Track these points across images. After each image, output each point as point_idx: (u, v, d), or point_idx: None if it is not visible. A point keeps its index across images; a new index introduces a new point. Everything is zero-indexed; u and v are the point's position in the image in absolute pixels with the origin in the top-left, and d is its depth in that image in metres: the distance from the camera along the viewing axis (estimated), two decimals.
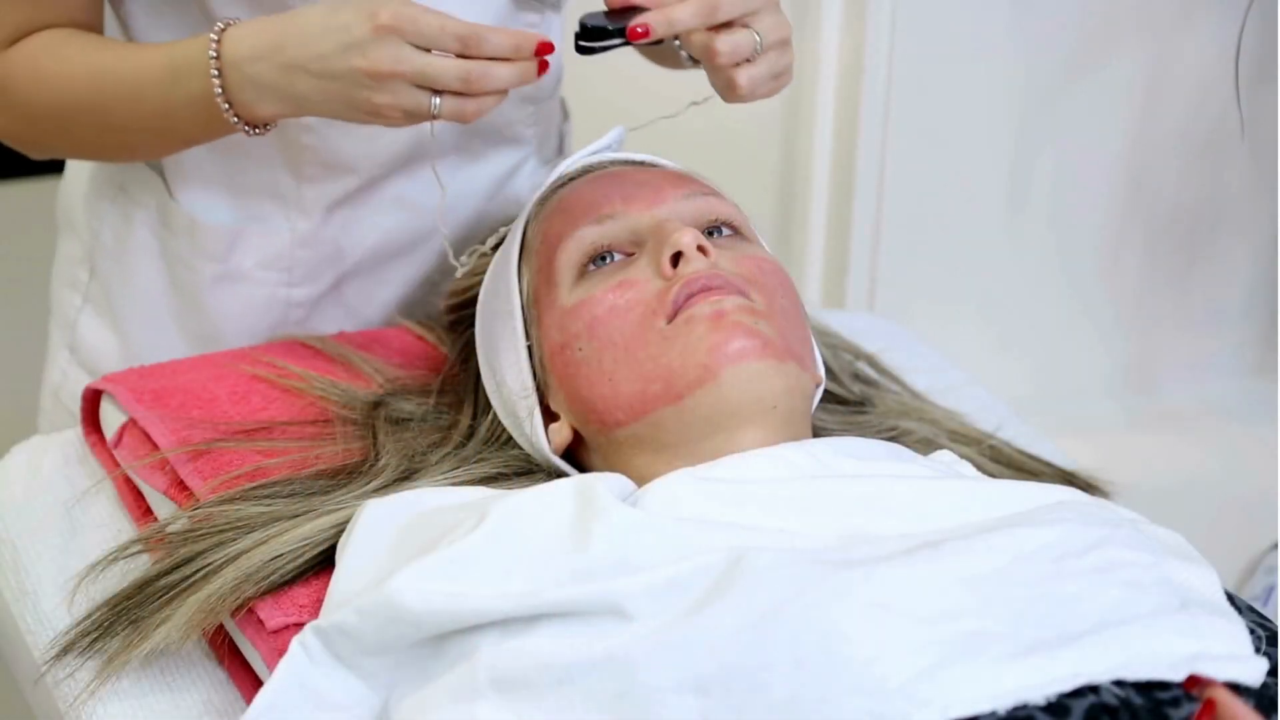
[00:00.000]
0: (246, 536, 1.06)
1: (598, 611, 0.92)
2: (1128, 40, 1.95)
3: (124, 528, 1.22)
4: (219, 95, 1.12)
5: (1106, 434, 1.98)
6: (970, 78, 1.92)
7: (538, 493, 1.00)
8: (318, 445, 1.18)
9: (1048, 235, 2.04)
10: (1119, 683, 0.87)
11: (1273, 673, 0.91)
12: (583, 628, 0.92)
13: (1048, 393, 2.04)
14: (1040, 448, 1.37)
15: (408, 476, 1.12)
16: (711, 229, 1.13)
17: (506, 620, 0.93)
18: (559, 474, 1.12)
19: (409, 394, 1.23)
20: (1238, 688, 0.88)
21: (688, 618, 0.89)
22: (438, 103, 1.07)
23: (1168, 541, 1.02)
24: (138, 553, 1.11)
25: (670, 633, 0.89)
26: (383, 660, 0.97)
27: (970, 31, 1.90)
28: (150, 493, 1.20)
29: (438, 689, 0.94)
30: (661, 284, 1.08)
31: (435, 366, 1.29)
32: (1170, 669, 0.88)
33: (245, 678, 1.08)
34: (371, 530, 1.02)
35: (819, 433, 1.20)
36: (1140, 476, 1.43)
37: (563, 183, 1.19)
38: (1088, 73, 1.95)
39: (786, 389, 1.07)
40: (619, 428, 1.08)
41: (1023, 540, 0.93)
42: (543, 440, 1.12)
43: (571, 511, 0.98)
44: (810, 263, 2.00)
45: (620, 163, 1.20)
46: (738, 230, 1.15)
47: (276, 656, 1.01)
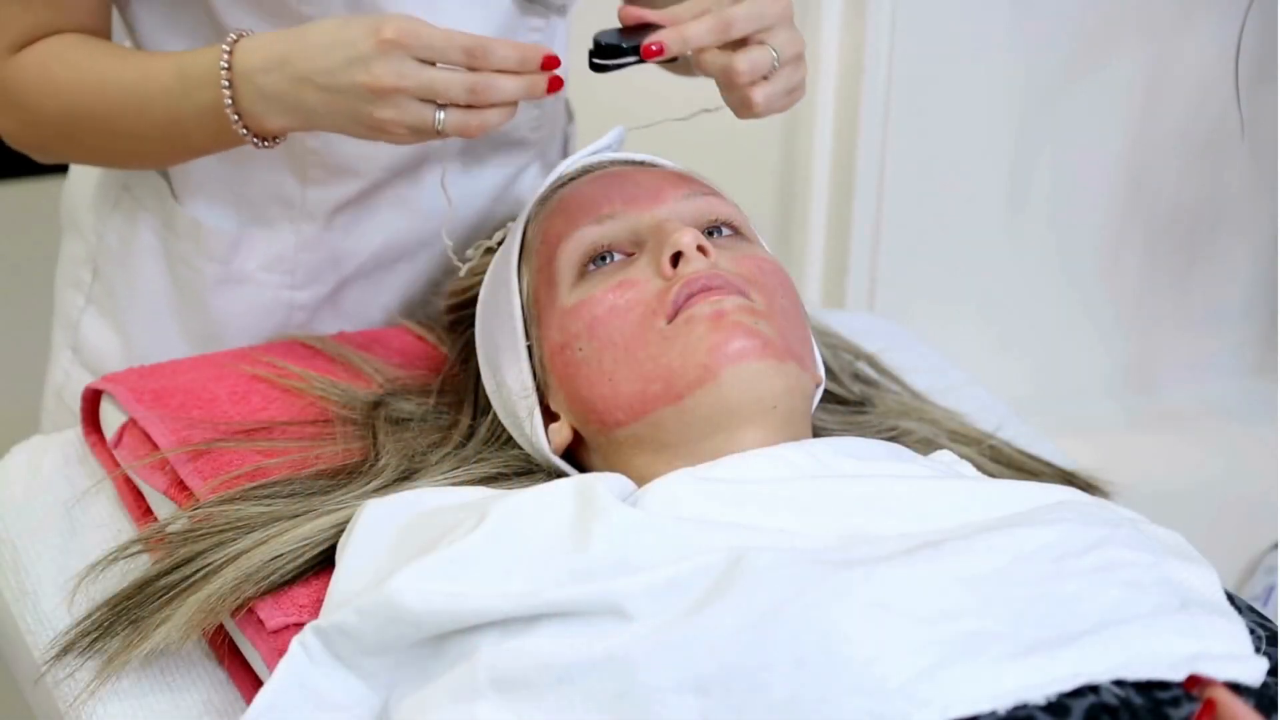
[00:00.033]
0: (246, 536, 1.06)
1: (598, 611, 0.92)
2: (1128, 40, 1.95)
3: (124, 528, 1.22)
4: (229, 106, 1.11)
5: (1106, 434, 1.98)
6: (970, 78, 1.92)
7: (538, 493, 1.00)
8: (318, 445, 1.18)
9: (1048, 235, 2.03)
10: (1119, 682, 0.87)
11: (1273, 672, 0.91)
12: (583, 628, 0.92)
13: (1048, 393, 2.04)
14: (1040, 448, 1.37)
15: (408, 476, 1.12)
16: (711, 229, 1.13)
17: (506, 620, 0.93)
18: (559, 474, 1.12)
19: (409, 394, 1.23)
20: (1238, 687, 0.88)
21: (688, 618, 0.89)
22: (441, 117, 1.06)
23: (1168, 541, 1.02)
24: (138, 553, 1.11)
25: (670, 633, 0.89)
26: (383, 660, 0.97)
27: (970, 31, 1.90)
28: (150, 493, 1.20)
29: (438, 689, 0.94)
30: (661, 284, 1.08)
31: (435, 366, 1.29)
32: (1170, 669, 0.88)
33: (245, 678, 1.08)
34: (371, 530, 1.02)
35: (819, 433, 1.20)
36: (1140, 476, 1.43)
37: (563, 183, 1.18)
38: (1088, 73, 1.95)
39: (786, 389, 1.07)
40: (619, 428, 1.08)
41: (1023, 540, 0.93)
42: (543, 440, 1.12)
43: (571, 511, 0.97)
44: (810, 263, 2.00)
45: (620, 163, 1.20)
46: (738, 230, 1.14)
47: (276, 656, 1.01)
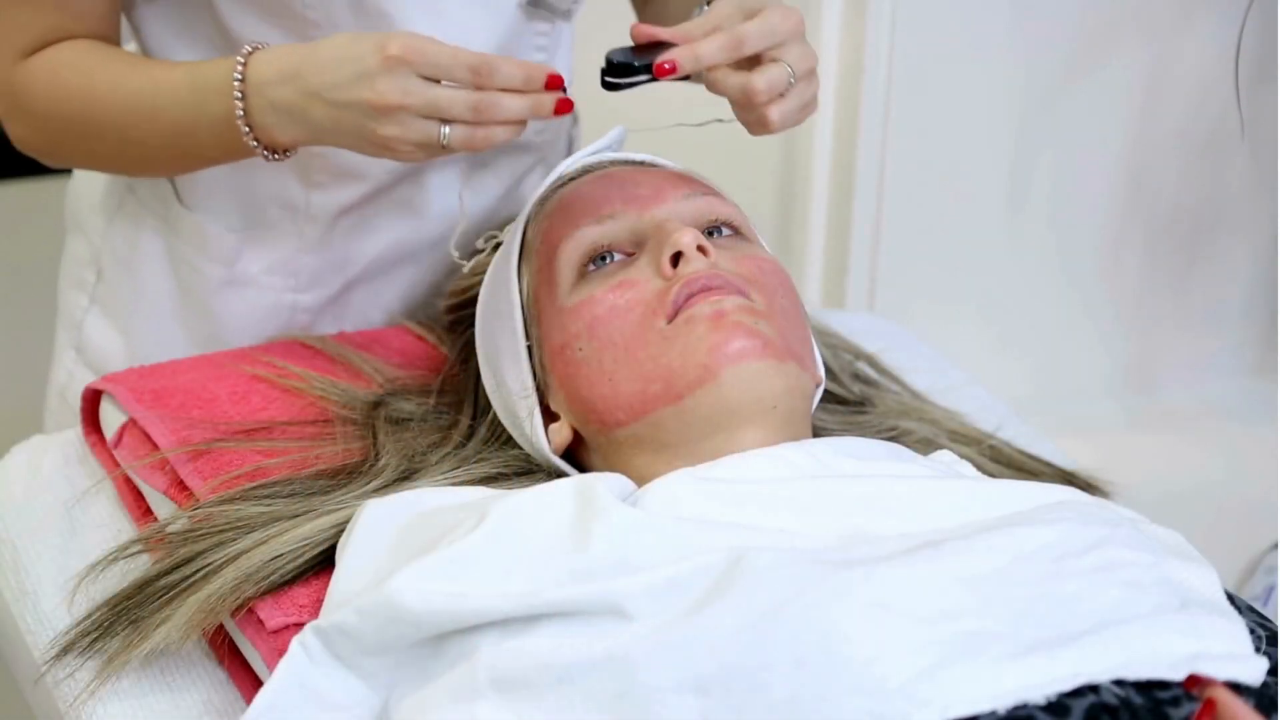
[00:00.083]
0: (246, 536, 1.06)
1: (598, 611, 0.92)
2: (1128, 40, 1.95)
3: (124, 528, 1.22)
4: (240, 117, 1.11)
5: (1106, 434, 1.98)
6: (970, 78, 1.92)
7: (538, 493, 1.00)
8: (318, 445, 1.18)
9: (1048, 235, 2.03)
10: (1119, 682, 0.87)
11: (1273, 672, 0.91)
12: (583, 628, 0.92)
13: (1048, 393, 2.04)
14: (1040, 448, 1.37)
15: (408, 476, 1.12)
16: (711, 229, 1.13)
17: (506, 620, 0.93)
18: (559, 474, 1.12)
19: (409, 394, 1.23)
20: (1238, 687, 0.88)
21: (688, 618, 0.89)
22: (447, 132, 1.06)
23: (1168, 541, 1.02)
24: (138, 553, 1.11)
25: (670, 633, 0.89)
26: (383, 660, 0.97)
27: (970, 31, 1.90)
28: (150, 493, 1.20)
29: (438, 689, 0.94)
30: (661, 284, 1.07)
31: (435, 366, 1.29)
32: (1170, 668, 0.88)
33: (245, 678, 1.08)
34: (371, 530, 1.02)
35: (819, 433, 1.20)
36: (1140, 476, 1.43)
37: (563, 183, 1.18)
38: (1088, 73, 1.95)
39: (786, 389, 1.07)
40: (619, 428, 1.08)
41: (1023, 540, 0.93)
42: (543, 440, 1.12)
43: (571, 511, 0.97)
44: (810, 263, 2.00)
45: (620, 163, 1.20)
46: (738, 230, 1.14)
47: (276, 656, 1.01)
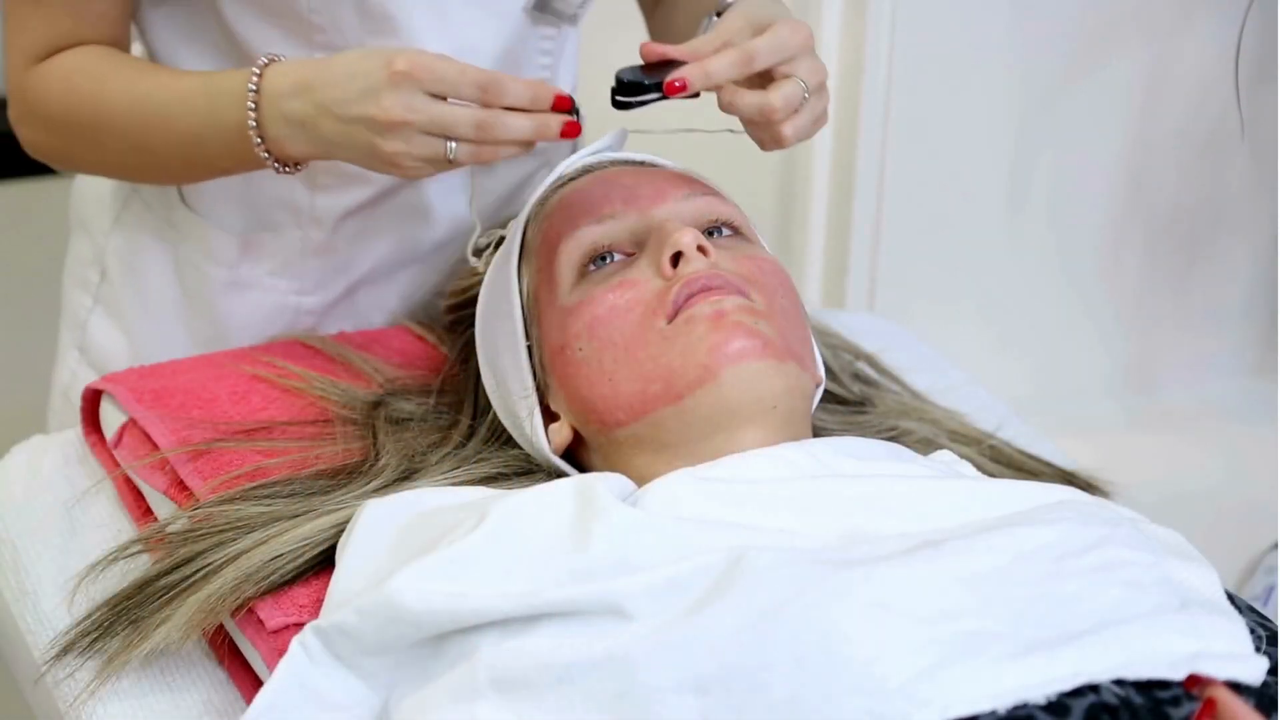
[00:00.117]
0: (246, 536, 1.06)
1: (598, 611, 0.92)
2: (1128, 40, 1.95)
3: (124, 528, 1.22)
4: (253, 128, 1.11)
5: (1106, 434, 1.98)
6: (970, 78, 1.92)
7: (538, 493, 1.00)
8: (318, 445, 1.18)
9: (1048, 235, 2.03)
10: (1119, 682, 0.87)
11: (1273, 672, 0.91)
12: (583, 628, 0.92)
13: (1048, 393, 2.04)
14: (1040, 448, 1.37)
15: (408, 476, 1.12)
16: (712, 229, 1.13)
17: (506, 620, 0.93)
18: (559, 474, 1.12)
19: (409, 394, 1.23)
20: (1238, 687, 0.88)
21: (688, 618, 0.89)
22: (453, 146, 1.06)
23: (1168, 541, 1.02)
24: (138, 553, 1.11)
25: (670, 633, 0.89)
26: (383, 660, 0.97)
27: (970, 31, 1.90)
28: (150, 493, 1.20)
29: (438, 689, 0.94)
30: (661, 284, 1.07)
31: (435, 366, 1.29)
32: (1170, 668, 0.88)
33: (245, 678, 1.08)
34: (371, 530, 1.02)
35: (819, 433, 1.20)
36: (1140, 476, 1.43)
37: (563, 183, 1.18)
38: (1088, 73, 1.95)
39: (786, 389, 1.07)
40: (619, 428, 1.08)
41: (1023, 540, 0.93)
42: (543, 440, 1.12)
43: (571, 511, 0.97)
44: (810, 263, 2.00)
45: (620, 163, 1.20)
46: (738, 230, 1.14)
47: (276, 656, 1.01)
